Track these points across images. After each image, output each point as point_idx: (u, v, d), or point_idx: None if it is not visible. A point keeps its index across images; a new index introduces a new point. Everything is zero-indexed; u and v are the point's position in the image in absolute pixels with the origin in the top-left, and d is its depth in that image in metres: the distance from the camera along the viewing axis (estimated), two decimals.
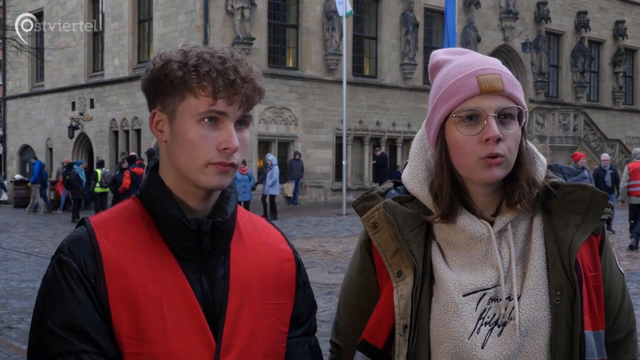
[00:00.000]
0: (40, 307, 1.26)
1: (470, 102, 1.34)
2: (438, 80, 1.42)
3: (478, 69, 1.36)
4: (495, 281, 1.40)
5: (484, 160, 1.34)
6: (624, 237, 13.83)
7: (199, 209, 1.34)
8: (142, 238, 1.31)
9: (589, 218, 1.39)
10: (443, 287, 1.40)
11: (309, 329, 1.49)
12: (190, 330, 1.29)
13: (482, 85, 1.34)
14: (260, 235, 1.46)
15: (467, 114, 1.35)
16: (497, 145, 1.33)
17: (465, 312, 1.38)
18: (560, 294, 1.36)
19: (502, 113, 1.34)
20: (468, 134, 1.35)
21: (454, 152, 1.38)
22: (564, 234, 1.39)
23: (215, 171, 1.28)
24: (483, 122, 1.34)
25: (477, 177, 1.36)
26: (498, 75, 1.35)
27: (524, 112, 1.38)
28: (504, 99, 1.35)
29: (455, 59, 1.43)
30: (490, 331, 1.38)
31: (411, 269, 1.42)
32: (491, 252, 1.41)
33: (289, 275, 1.46)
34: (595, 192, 1.40)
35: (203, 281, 1.33)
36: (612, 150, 28.12)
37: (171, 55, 1.29)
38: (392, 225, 1.43)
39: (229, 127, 1.28)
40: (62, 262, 1.27)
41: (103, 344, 1.23)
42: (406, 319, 1.41)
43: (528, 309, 1.37)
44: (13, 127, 30.99)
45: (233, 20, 21.98)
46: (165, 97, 1.30)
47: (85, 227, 1.32)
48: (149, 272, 1.29)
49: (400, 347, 1.41)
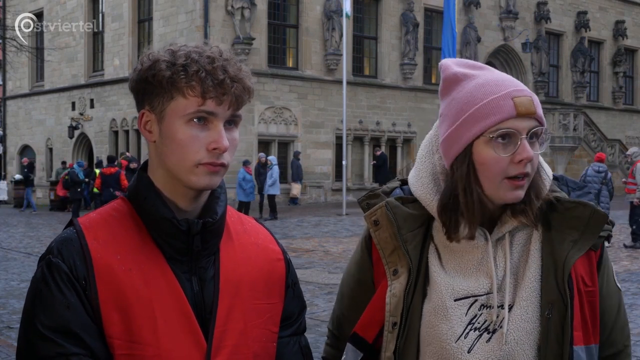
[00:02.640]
0: (30, 310, 1.25)
1: (505, 123, 1.35)
2: (463, 95, 1.40)
3: (512, 90, 1.37)
4: (487, 288, 1.41)
5: (510, 181, 1.35)
6: (624, 237, 13.81)
7: (189, 209, 1.33)
8: (131, 239, 1.30)
9: (586, 235, 1.40)
10: (436, 290, 1.43)
11: (299, 328, 1.49)
12: (181, 331, 1.28)
13: (519, 108, 1.35)
14: (250, 235, 1.45)
15: (501, 134, 1.35)
16: (527, 165, 1.35)
17: (455, 316, 1.40)
18: (552, 308, 1.37)
19: (531, 134, 1.36)
20: (501, 154, 1.35)
21: (481, 169, 1.37)
22: (560, 249, 1.40)
23: (205, 171, 1.27)
24: (516, 142, 1.35)
25: (501, 197, 1.37)
26: (530, 98, 1.37)
27: (545, 132, 1.39)
28: (534, 121, 1.37)
29: (478, 74, 1.42)
30: (479, 337, 1.39)
31: (406, 268, 1.44)
32: (487, 259, 1.42)
33: (279, 275, 1.45)
34: (595, 211, 1.40)
35: (193, 282, 1.32)
36: (612, 150, 28.13)
37: (159, 55, 1.28)
38: (392, 225, 1.45)
39: (219, 127, 1.27)
40: (52, 264, 1.25)
41: (93, 346, 1.22)
42: (396, 316, 1.44)
43: (519, 319, 1.38)
44: (13, 127, 31.00)
45: (233, 20, 21.98)
46: (153, 97, 1.29)
47: (74, 228, 1.31)
48: (139, 273, 1.28)
49: (387, 344, 1.45)
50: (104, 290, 1.25)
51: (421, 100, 26.07)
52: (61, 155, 27.17)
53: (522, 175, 1.35)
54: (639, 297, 8.44)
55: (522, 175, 1.35)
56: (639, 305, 8.01)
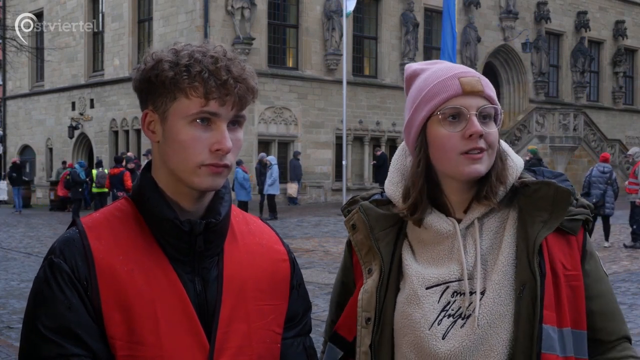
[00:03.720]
0: (32, 310, 1.24)
1: (452, 102, 1.41)
2: (417, 85, 1.49)
3: (458, 72, 1.44)
4: (458, 275, 1.44)
5: (466, 156, 1.40)
6: (624, 237, 13.81)
7: (192, 210, 1.32)
8: (134, 239, 1.30)
9: (555, 214, 1.43)
10: (407, 281, 1.47)
11: (304, 329, 1.48)
12: (183, 332, 1.27)
13: (465, 86, 1.41)
14: (255, 235, 1.44)
15: (450, 112, 1.41)
16: (479, 140, 1.39)
17: (427, 303, 1.44)
18: (523, 288, 1.39)
19: (482, 113, 1.42)
20: (452, 131, 1.41)
21: (436, 149, 1.43)
22: (531, 231, 1.42)
23: (208, 172, 1.26)
24: (465, 119, 1.41)
25: (459, 172, 1.41)
26: (477, 78, 1.44)
27: (500, 113, 1.46)
28: (483, 100, 1.43)
29: (432, 67, 1.51)
30: (453, 323, 1.42)
31: (379, 265, 1.50)
32: (457, 247, 1.45)
33: (284, 276, 1.44)
34: (558, 188, 1.43)
35: (196, 282, 1.31)
36: (612, 150, 28.12)
37: (162, 55, 1.27)
38: (365, 226, 1.52)
39: (222, 127, 1.26)
40: (54, 264, 1.25)
41: (95, 347, 1.22)
42: (369, 312, 1.48)
43: (491, 302, 1.40)
44: (13, 127, 31.00)
45: (233, 20, 21.98)
46: (156, 98, 1.28)
47: (77, 228, 1.30)
48: (142, 273, 1.27)
49: (362, 339, 1.49)
50: (106, 290, 1.24)
51: None
52: (61, 155, 27.17)
53: (477, 150, 1.40)
54: (639, 297, 8.44)
55: (477, 150, 1.40)
56: (639, 305, 8.01)
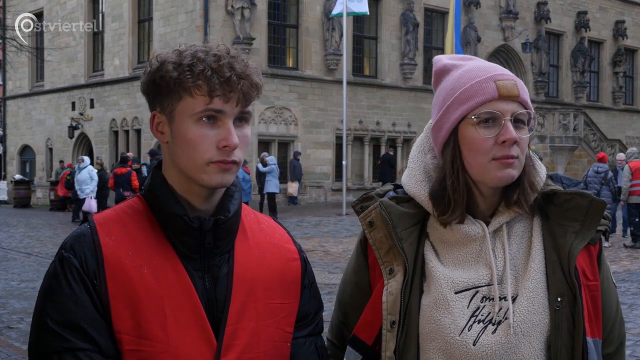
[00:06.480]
0: (41, 304, 1.27)
1: (487, 105, 1.38)
2: (449, 83, 1.44)
3: (495, 74, 1.40)
4: (488, 279, 1.41)
5: (498, 161, 1.36)
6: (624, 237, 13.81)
7: (203, 208, 1.34)
8: (145, 236, 1.32)
9: (587, 225, 1.41)
10: (434, 284, 1.42)
11: (315, 329, 1.48)
12: (191, 328, 1.29)
13: (501, 90, 1.37)
14: (266, 234, 1.46)
15: (485, 117, 1.37)
16: (512, 147, 1.36)
17: (457, 308, 1.40)
18: (561, 300, 1.38)
19: (516, 118, 1.38)
20: (485, 135, 1.37)
21: (468, 153, 1.40)
22: (563, 241, 1.40)
23: (216, 169, 1.28)
24: (500, 124, 1.37)
25: (492, 177, 1.38)
26: (514, 81, 1.40)
27: (533, 118, 1.42)
28: (518, 105, 1.39)
29: (465, 64, 1.46)
30: (484, 329, 1.38)
31: (402, 266, 1.44)
32: (485, 250, 1.42)
33: (295, 275, 1.45)
34: (593, 200, 1.41)
35: (206, 279, 1.33)
36: (612, 150, 28.10)
37: (166, 56, 1.30)
38: (387, 224, 1.46)
39: (228, 124, 1.28)
40: (64, 259, 1.27)
41: (101, 342, 1.23)
42: (394, 315, 1.43)
43: (525, 310, 1.38)
44: (13, 127, 31.00)
45: (233, 20, 21.97)
46: (163, 99, 1.30)
47: (89, 224, 1.33)
48: (151, 269, 1.29)
49: (387, 343, 1.44)
50: (114, 285, 1.26)
51: (421, 100, 26.06)
52: (61, 155, 27.17)
53: (510, 157, 1.36)
54: (639, 297, 8.45)
55: (510, 157, 1.36)
56: (639, 305, 8.01)
